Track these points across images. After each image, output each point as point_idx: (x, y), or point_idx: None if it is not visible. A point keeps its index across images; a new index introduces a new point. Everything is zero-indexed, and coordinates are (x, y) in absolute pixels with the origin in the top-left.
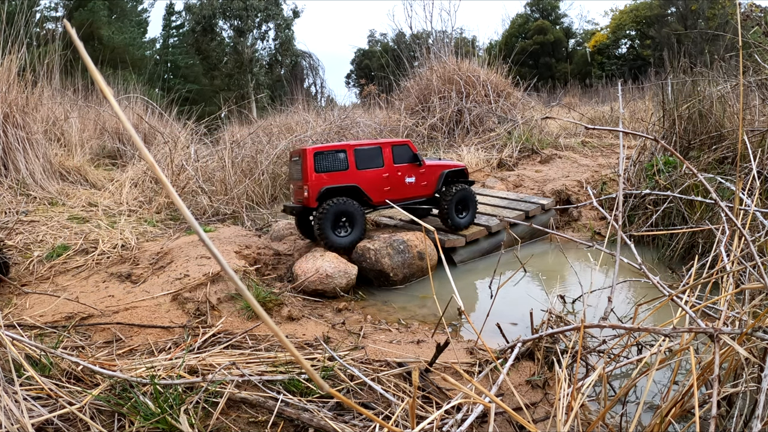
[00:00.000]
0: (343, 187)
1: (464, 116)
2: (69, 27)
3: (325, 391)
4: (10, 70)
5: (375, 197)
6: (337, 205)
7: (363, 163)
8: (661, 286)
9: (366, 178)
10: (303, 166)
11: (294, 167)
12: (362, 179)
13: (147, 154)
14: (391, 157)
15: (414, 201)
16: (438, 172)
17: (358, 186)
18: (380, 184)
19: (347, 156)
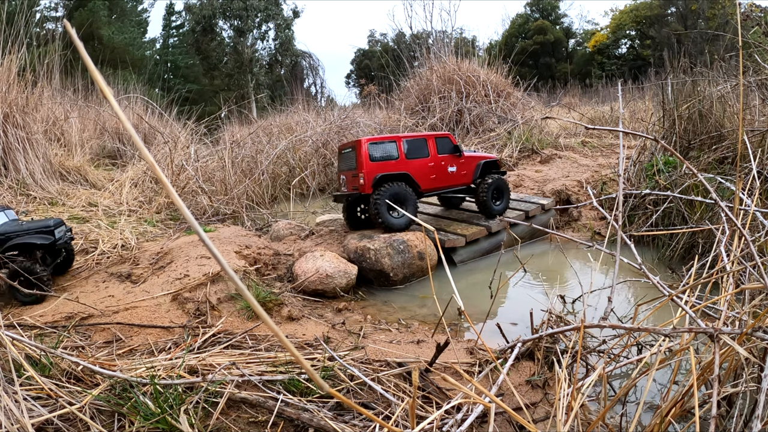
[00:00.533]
0: (395, 175)
1: (464, 116)
2: (69, 27)
3: (325, 391)
4: (10, 70)
5: (423, 185)
6: (392, 189)
7: (412, 153)
8: (661, 286)
9: (415, 166)
10: (357, 155)
11: (345, 159)
12: (412, 168)
13: (147, 154)
14: (435, 147)
15: (454, 189)
16: (475, 162)
17: (409, 174)
18: (427, 172)
19: (398, 146)
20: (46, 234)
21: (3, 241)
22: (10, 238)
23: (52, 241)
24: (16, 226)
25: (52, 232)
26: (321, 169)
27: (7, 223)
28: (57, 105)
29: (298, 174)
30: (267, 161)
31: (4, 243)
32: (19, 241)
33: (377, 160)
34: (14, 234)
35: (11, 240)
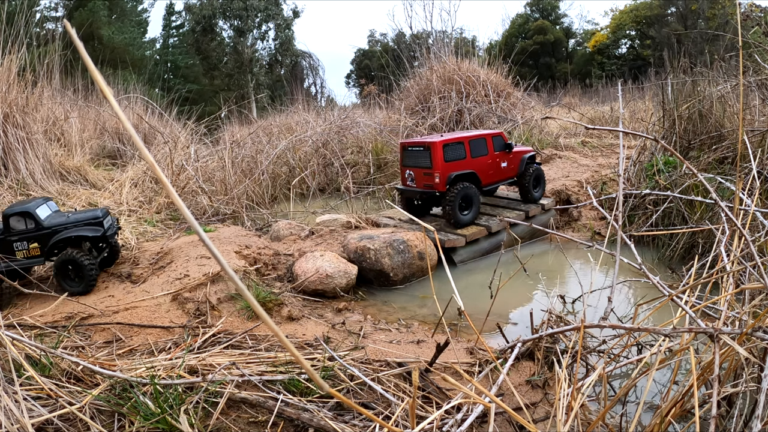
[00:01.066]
0: (464, 173)
1: (464, 116)
2: (69, 27)
3: (325, 391)
4: (10, 70)
5: (484, 180)
6: (463, 189)
7: (475, 152)
8: (661, 286)
9: (478, 164)
10: (432, 156)
11: (411, 156)
12: (476, 166)
13: (147, 154)
14: (492, 145)
15: (502, 182)
16: (520, 156)
17: (475, 172)
18: (487, 169)
19: (465, 146)
20: (96, 226)
21: (50, 234)
22: (58, 231)
23: (102, 232)
24: (63, 218)
25: (101, 224)
26: (321, 169)
27: (52, 215)
28: (57, 105)
29: (298, 174)
30: (267, 161)
31: (51, 236)
32: (68, 234)
33: (450, 160)
34: (62, 227)
35: (59, 233)
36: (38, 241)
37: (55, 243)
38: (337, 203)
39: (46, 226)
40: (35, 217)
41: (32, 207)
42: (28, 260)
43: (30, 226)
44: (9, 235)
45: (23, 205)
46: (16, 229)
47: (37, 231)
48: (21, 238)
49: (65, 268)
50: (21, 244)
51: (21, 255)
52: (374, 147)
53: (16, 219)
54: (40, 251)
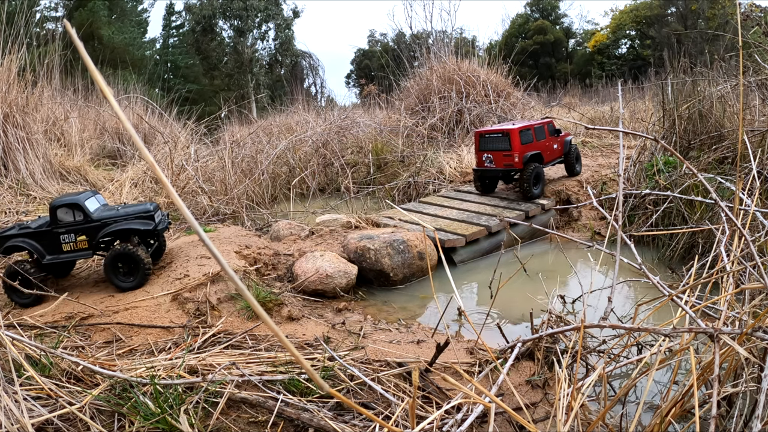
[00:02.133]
0: (534, 154)
1: (464, 116)
2: (69, 27)
3: (325, 391)
4: (10, 70)
5: (546, 159)
6: (536, 169)
7: (539, 136)
8: (661, 286)
9: (541, 146)
10: (511, 140)
11: (488, 141)
12: (540, 147)
13: (147, 154)
14: (548, 131)
15: (555, 161)
16: (564, 139)
17: (540, 152)
18: (546, 150)
19: (532, 132)
20: (146, 219)
21: (99, 227)
22: (108, 224)
23: (153, 226)
24: (112, 212)
25: (152, 217)
26: (321, 169)
27: (101, 208)
28: (57, 105)
29: (298, 174)
30: (267, 161)
31: (100, 229)
32: (118, 227)
33: (524, 143)
34: (111, 219)
35: (109, 226)
36: (86, 234)
37: (104, 236)
38: (337, 203)
39: (96, 218)
40: (84, 209)
41: (81, 199)
42: (75, 253)
43: (78, 218)
44: (56, 227)
45: (72, 197)
46: (64, 221)
47: (86, 223)
48: (68, 230)
49: (117, 263)
50: (68, 237)
51: (68, 248)
52: (374, 147)
53: (64, 210)
54: (88, 244)
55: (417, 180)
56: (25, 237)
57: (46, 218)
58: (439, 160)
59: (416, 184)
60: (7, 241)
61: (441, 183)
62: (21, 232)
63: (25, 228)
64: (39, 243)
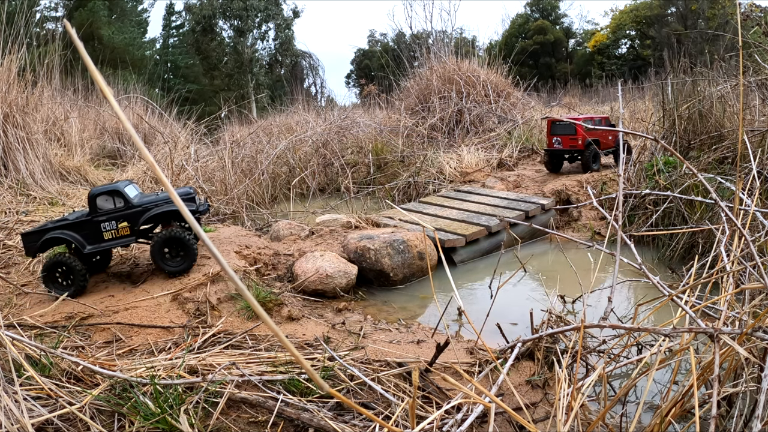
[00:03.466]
0: (593, 139)
1: (464, 116)
2: (69, 27)
3: (325, 391)
4: (10, 70)
5: (602, 146)
6: (593, 150)
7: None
8: (661, 286)
9: (599, 134)
10: (576, 128)
11: (558, 128)
12: (597, 135)
13: (147, 154)
14: (605, 123)
15: (608, 150)
16: (617, 134)
17: (598, 139)
18: (603, 138)
19: (593, 122)
20: (188, 201)
21: (141, 212)
22: (149, 209)
23: (194, 209)
24: (152, 197)
25: (193, 199)
26: (321, 169)
27: (138, 195)
28: (57, 105)
29: (298, 174)
30: (267, 161)
31: (142, 214)
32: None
33: (586, 130)
34: (152, 204)
35: (150, 210)
36: (128, 220)
37: (147, 220)
38: (337, 203)
39: (136, 204)
40: (124, 195)
41: (120, 185)
42: (117, 240)
43: (119, 204)
44: (96, 216)
45: (111, 184)
46: (104, 208)
47: (127, 209)
48: (109, 217)
49: (165, 248)
50: (109, 224)
51: (109, 236)
52: (374, 147)
53: (103, 198)
54: (130, 231)
55: (417, 180)
56: (63, 228)
57: (83, 211)
58: (439, 160)
59: (416, 184)
60: (44, 234)
61: (441, 183)
62: (58, 225)
63: (62, 220)
64: (79, 233)
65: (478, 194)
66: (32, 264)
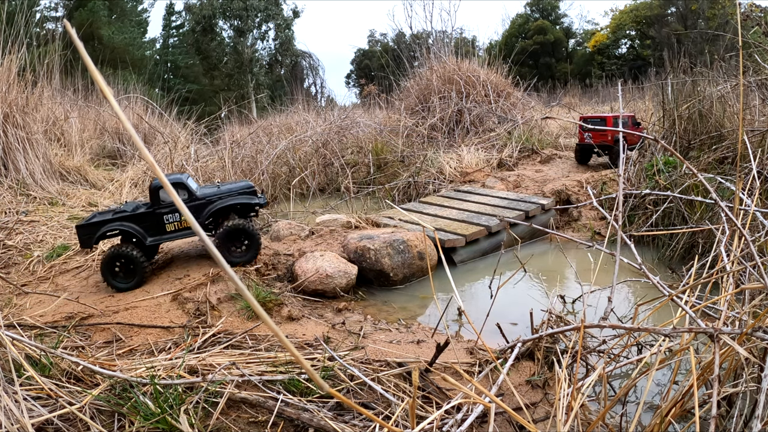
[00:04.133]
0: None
1: (464, 116)
2: (69, 27)
3: (325, 391)
4: (10, 70)
5: (629, 142)
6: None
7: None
8: (661, 286)
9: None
10: (606, 123)
11: (591, 124)
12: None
13: (147, 154)
14: (631, 121)
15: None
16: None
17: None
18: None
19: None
20: (250, 194)
21: (205, 204)
22: (213, 201)
23: (261, 202)
24: (214, 189)
25: (255, 193)
26: (321, 169)
27: (202, 187)
28: (57, 105)
29: (298, 174)
30: (267, 161)
31: (206, 206)
32: (227, 203)
33: (614, 126)
34: (216, 196)
35: (214, 203)
36: (191, 212)
37: (211, 213)
38: (337, 203)
39: (200, 196)
40: (188, 187)
41: (184, 177)
42: (179, 233)
43: (183, 196)
44: (159, 208)
45: (175, 175)
46: (167, 200)
47: (191, 201)
48: (173, 210)
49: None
50: (172, 216)
51: (171, 228)
52: (374, 147)
53: None
54: None
55: (417, 180)
56: (123, 220)
57: (134, 203)
58: (439, 160)
59: (416, 184)
60: (102, 226)
61: (441, 183)
62: (117, 217)
63: (119, 212)
64: (140, 225)
65: (478, 194)
66: (32, 264)
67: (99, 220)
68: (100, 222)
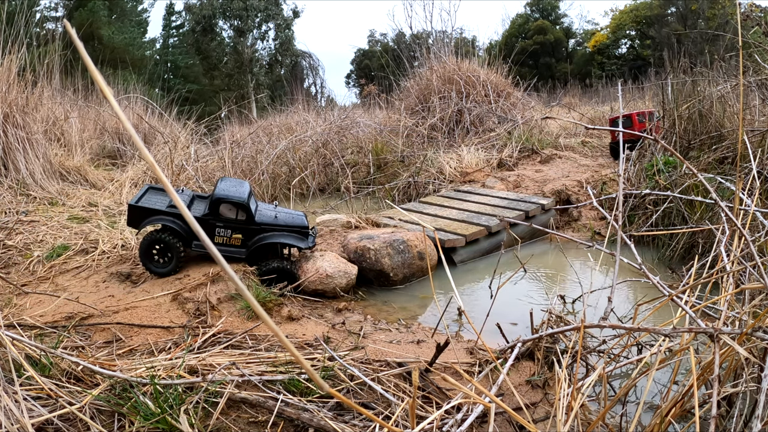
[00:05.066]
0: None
1: (464, 116)
2: (69, 27)
3: (325, 391)
4: (10, 70)
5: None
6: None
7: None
8: (661, 286)
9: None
10: (631, 121)
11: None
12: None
13: (147, 154)
14: (647, 117)
15: None
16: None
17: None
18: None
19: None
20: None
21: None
22: (265, 230)
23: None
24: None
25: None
26: (321, 169)
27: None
28: (57, 105)
29: (298, 174)
30: (267, 161)
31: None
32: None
33: (640, 122)
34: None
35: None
36: (243, 234)
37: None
38: (337, 203)
39: (257, 221)
40: (249, 211)
41: (246, 193)
42: (224, 247)
43: (241, 217)
44: (215, 219)
45: (240, 196)
46: (225, 216)
47: (247, 224)
48: (227, 226)
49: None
50: (224, 231)
51: (219, 240)
52: (374, 147)
53: (227, 207)
54: (241, 243)
55: (417, 180)
56: (175, 217)
57: (190, 193)
58: (439, 160)
59: (416, 184)
60: (153, 216)
61: (441, 183)
62: (171, 212)
63: (174, 207)
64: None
65: (478, 194)
66: (32, 263)
67: (153, 209)
68: (154, 210)
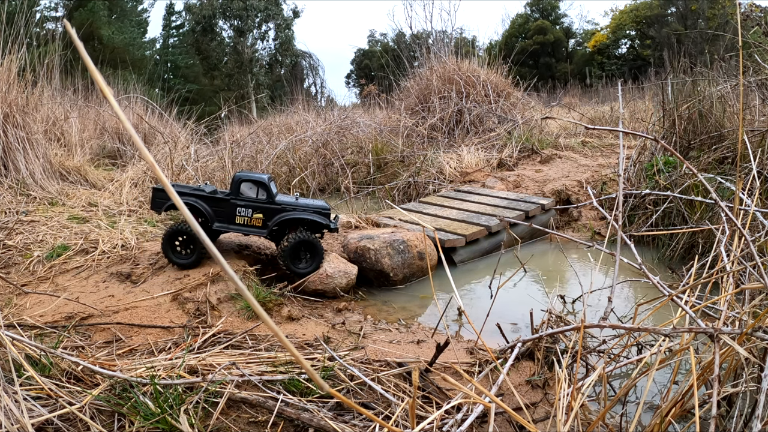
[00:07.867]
0: None
1: (464, 116)
2: (69, 27)
3: (325, 391)
4: (10, 70)
5: None
6: None
7: None
8: (661, 286)
9: None
10: None
11: None
12: None
13: (147, 154)
14: None
15: None
16: None
17: None
18: None
19: None
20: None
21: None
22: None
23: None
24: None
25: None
26: (321, 169)
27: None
28: (57, 105)
29: (298, 174)
30: (267, 161)
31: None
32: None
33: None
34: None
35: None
36: (264, 214)
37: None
38: (337, 203)
39: (278, 201)
40: (269, 189)
41: (266, 178)
42: (245, 227)
43: (261, 196)
44: (236, 198)
45: (259, 174)
46: (246, 195)
47: (268, 203)
48: (248, 205)
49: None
50: (245, 211)
51: (240, 221)
52: (374, 147)
53: (248, 185)
54: (262, 223)
55: (417, 180)
56: (198, 198)
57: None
58: (439, 160)
59: (416, 184)
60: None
61: (441, 183)
62: (194, 193)
63: (199, 190)
64: (211, 207)
65: (478, 194)
66: (32, 264)
67: (177, 190)
68: (177, 192)
